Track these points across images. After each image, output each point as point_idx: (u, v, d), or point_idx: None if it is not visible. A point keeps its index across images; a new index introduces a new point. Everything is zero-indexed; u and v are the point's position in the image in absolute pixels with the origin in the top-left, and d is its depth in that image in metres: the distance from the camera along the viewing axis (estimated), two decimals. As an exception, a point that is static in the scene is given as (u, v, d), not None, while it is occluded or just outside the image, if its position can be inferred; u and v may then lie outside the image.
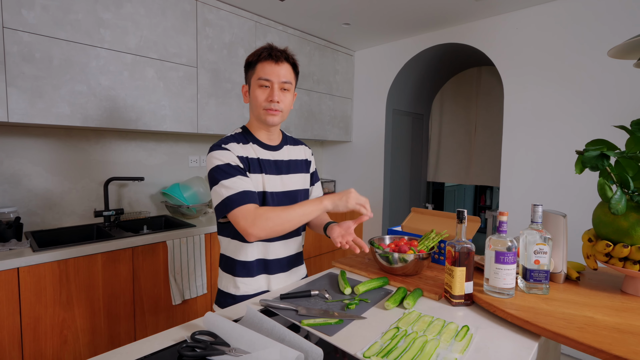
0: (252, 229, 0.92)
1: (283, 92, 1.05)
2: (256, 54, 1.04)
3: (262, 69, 1.02)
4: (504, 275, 0.96)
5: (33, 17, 1.51)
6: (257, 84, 1.03)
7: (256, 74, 1.03)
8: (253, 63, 1.04)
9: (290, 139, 1.21)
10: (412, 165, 3.44)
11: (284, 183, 1.11)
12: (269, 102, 1.02)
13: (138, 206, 2.23)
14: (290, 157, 1.16)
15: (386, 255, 1.17)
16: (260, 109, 1.04)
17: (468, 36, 2.46)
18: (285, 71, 1.04)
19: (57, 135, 1.89)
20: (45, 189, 1.88)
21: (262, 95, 1.03)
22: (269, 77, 1.01)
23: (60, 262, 1.50)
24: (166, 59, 1.92)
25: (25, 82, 1.50)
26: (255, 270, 1.10)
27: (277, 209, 0.95)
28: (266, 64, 1.02)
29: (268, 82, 1.02)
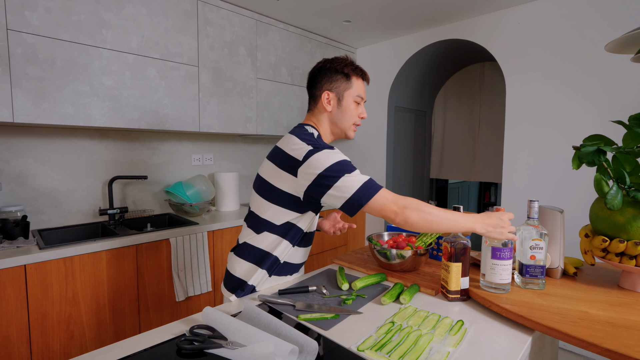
0: (407, 211, 0.87)
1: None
2: (350, 67, 1.06)
3: (359, 87, 1.08)
4: (500, 271, 0.96)
5: (36, 18, 1.53)
6: (353, 99, 1.07)
7: (354, 89, 1.07)
8: (349, 76, 1.07)
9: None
10: (415, 163, 3.43)
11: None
12: (360, 118, 1.10)
13: (142, 204, 2.26)
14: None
15: (384, 252, 1.18)
16: (351, 123, 1.09)
17: (470, 32, 2.45)
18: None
19: (61, 135, 1.92)
20: (51, 188, 1.91)
21: (356, 110, 1.08)
22: (364, 97, 1.10)
23: (66, 259, 1.53)
24: (168, 58, 1.95)
25: (29, 83, 1.53)
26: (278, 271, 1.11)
27: (435, 208, 0.91)
28: (361, 83, 1.09)
29: (362, 101, 1.09)
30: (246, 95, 2.35)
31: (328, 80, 1.06)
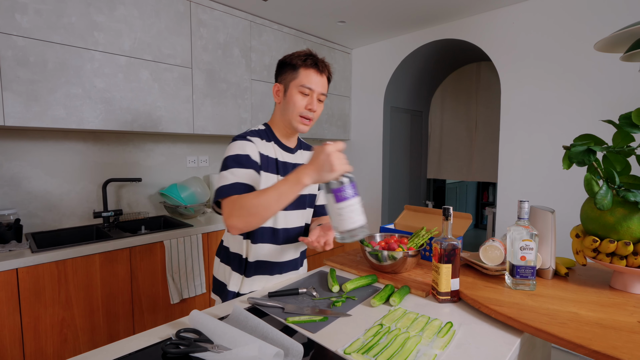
0: (230, 220, 0.88)
1: (318, 103, 1.06)
2: (300, 58, 1.03)
3: (307, 76, 1.02)
4: (349, 213, 0.81)
5: (27, 21, 1.53)
6: (297, 90, 1.03)
7: (299, 79, 1.03)
8: (296, 66, 1.03)
9: (303, 143, 1.23)
10: (412, 163, 3.43)
11: None
12: (307, 110, 1.04)
13: (137, 207, 2.25)
14: (303, 161, 1.17)
15: (375, 253, 1.17)
16: (296, 114, 1.04)
17: (465, 32, 2.45)
18: (325, 83, 1.07)
19: (55, 138, 1.92)
20: (45, 191, 1.91)
21: (301, 101, 1.03)
22: (312, 87, 1.02)
23: (58, 262, 1.53)
24: (161, 60, 1.94)
25: (20, 86, 1.53)
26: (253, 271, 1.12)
27: (251, 195, 0.87)
28: (311, 72, 1.02)
29: (310, 91, 1.03)
30: (240, 97, 2.34)
31: (279, 73, 1.09)
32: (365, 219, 0.85)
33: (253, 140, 1.04)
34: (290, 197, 0.85)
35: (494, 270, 1.09)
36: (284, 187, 0.85)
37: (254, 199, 0.86)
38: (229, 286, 1.12)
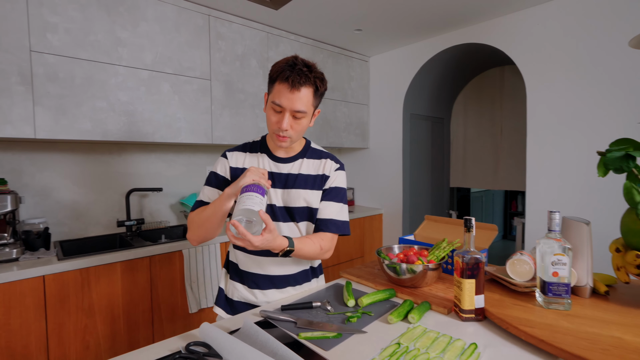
0: (188, 234, 1.05)
1: (295, 119, 0.98)
2: (277, 70, 0.95)
3: (279, 92, 0.95)
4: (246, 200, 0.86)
5: (57, 39, 1.61)
6: (270, 105, 0.98)
7: (272, 94, 0.97)
8: (272, 79, 0.98)
9: (313, 151, 1.13)
10: (434, 171, 3.33)
11: (284, 198, 1.08)
12: (278, 127, 0.98)
13: (159, 216, 2.30)
14: (301, 171, 1.08)
15: (393, 266, 1.12)
16: (271, 130, 1.01)
17: (486, 35, 2.37)
18: (302, 99, 0.95)
19: (82, 150, 2.00)
20: (73, 201, 1.98)
21: (273, 117, 0.98)
22: (281, 104, 0.95)
23: (82, 270, 1.57)
24: (181, 73, 1.99)
25: (50, 100, 1.60)
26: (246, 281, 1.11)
27: (199, 210, 1.03)
28: (284, 87, 0.94)
29: (280, 108, 0.96)
30: (258, 107, 2.36)
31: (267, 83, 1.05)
32: (258, 210, 0.85)
33: (229, 155, 1.09)
34: (221, 207, 0.96)
35: (523, 287, 1.02)
36: (217, 200, 0.97)
37: (199, 214, 1.01)
38: (220, 282, 1.19)
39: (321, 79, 0.99)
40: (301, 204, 1.08)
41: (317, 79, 0.97)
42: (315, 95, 0.99)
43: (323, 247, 1.06)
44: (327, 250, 1.09)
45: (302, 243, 1.01)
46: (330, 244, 1.09)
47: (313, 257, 1.06)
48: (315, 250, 1.04)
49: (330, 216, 1.09)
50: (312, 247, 1.03)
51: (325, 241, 1.07)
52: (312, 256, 1.05)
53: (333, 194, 1.10)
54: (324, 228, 1.08)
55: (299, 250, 0.99)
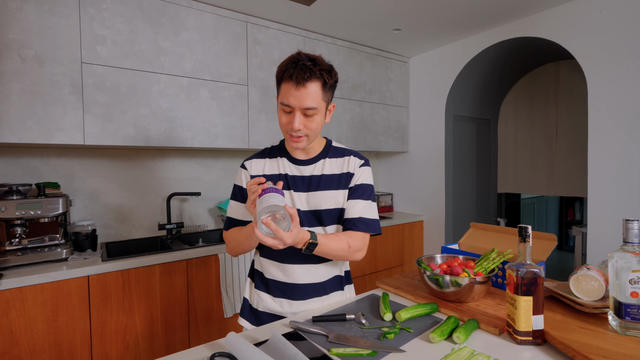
0: (226, 249, 1.08)
1: (307, 117, 0.93)
2: (282, 70, 0.92)
3: (285, 92, 0.91)
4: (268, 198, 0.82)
5: (105, 51, 1.70)
6: (280, 107, 0.95)
7: (280, 95, 0.94)
8: (279, 80, 0.94)
9: (335, 150, 1.08)
10: (480, 176, 3.11)
11: (309, 201, 1.03)
12: (290, 128, 0.94)
13: (197, 220, 2.35)
14: (325, 172, 1.04)
15: (435, 278, 1.02)
16: (284, 132, 0.98)
17: (539, 27, 2.17)
18: (310, 95, 0.90)
19: (127, 155, 2.10)
20: (118, 204, 2.08)
21: (284, 118, 0.95)
22: (290, 103, 0.91)
23: (123, 271, 1.62)
24: (219, 79, 2.03)
25: (98, 108, 1.69)
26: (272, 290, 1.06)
27: (235, 232, 1.04)
28: (288, 86, 0.90)
29: (289, 108, 0.92)
30: (294, 111, 2.35)
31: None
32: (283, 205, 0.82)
33: (247, 165, 1.07)
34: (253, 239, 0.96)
35: (591, 307, 0.87)
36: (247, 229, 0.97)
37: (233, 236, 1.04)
38: (244, 292, 1.16)
39: (328, 71, 0.93)
40: (329, 206, 1.03)
41: (323, 71, 0.91)
42: (324, 89, 0.93)
43: (352, 245, 0.98)
44: (357, 249, 1.00)
45: (327, 238, 0.95)
46: (361, 243, 1.01)
47: (341, 256, 0.98)
48: (343, 248, 0.96)
49: (358, 214, 1.02)
50: (338, 244, 0.96)
51: (355, 239, 0.99)
52: (339, 254, 0.97)
53: (360, 192, 1.04)
54: (353, 227, 1.01)
55: (323, 245, 0.93)
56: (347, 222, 1.03)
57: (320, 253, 0.95)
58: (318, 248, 0.92)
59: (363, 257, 1.58)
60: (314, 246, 0.91)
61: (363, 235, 1.02)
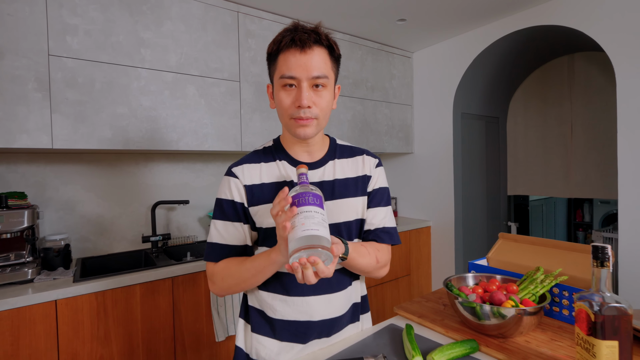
0: (212, 288, 0.83)
1: (316, 91, 0.75)
2: (277, 41, 0.75)
3: (286, 61, 0.74)
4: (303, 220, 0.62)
5: (77, 42, 1.50)
6: (280, 84, 0.76)
7: (278, 69, 0.76)
8: (274, 55, 0.77)
9: (342, 149, 0.90)
10: (489, 178, 2.93)
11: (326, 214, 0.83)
12: (296, 108, 0.74)
13: (186, 230, 2.14)
14: (337, 176, 0.85)
15: (471, 306, 0.82)
16: (287, 117, 0.77)
17: (559, 14, 1.99)
18: (318, 60, 0.74)
19: (107, 160, 1.89)
20: (97, 215, 1.87)
21: (287, 98, 0.75)
22: (294, 74, 0.73)
23: (97, 294, 1.41)
24: (207, 74, 1.83)
25: (68, 107, 1.48)
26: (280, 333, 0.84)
27: (233, 265, 0.80)
28: (289, 54, 0.73)
29: (294, 81, 0.74)
30: (292, 110, 2.15)
31: (268, 71, 0.83)
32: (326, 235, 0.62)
33: (237, 172, 0.83)
34: (267, 272, 0.75)
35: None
36: (259, 261, 0.75)
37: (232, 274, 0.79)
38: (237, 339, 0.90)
39: (333, 41, 0.78)
40: (348, 217, 0.84)
41: (327, 37, 0.77)
42: (331, 57, 0.78)
43: (380, 260, 0.83)
44: (384, 264, 0.85)
45: (356, 251, 0.77)
46: (387, 257, 0.87)
47: (366, 272, 0.82)
48: (371, 263, 0.81)
49: (381, 224, 0.87)
50: (367, 258, 0.80)
51: (382, 253, 0.85)
52: (366, 269, 0.81)
53: (379, 197, 0.88)
54: (376, 239, 0.86)
55: (352, 260, 0.76)
56: (368, 233, 0.87)
57: (346, 266, 0.79)
58: (346, 262, 0.77)
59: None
60: (342, 260, 0.75)
61: (388, 248, 0.87)
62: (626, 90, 1.76)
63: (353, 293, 0.88)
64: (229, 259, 0.82)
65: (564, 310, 0.89)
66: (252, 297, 0.88)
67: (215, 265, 0.83)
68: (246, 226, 0.84)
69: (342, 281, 0.84)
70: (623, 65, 1.76)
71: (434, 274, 2.78)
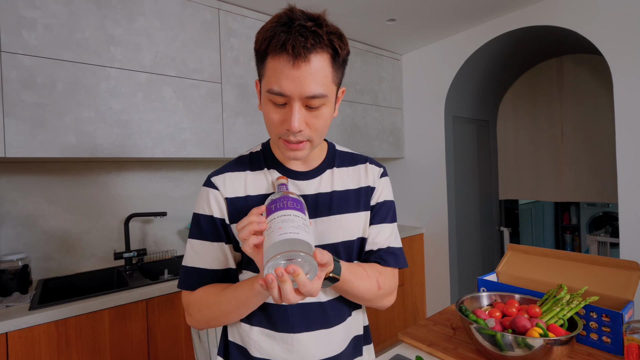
0: (189, 320, 0.72)
1: (311, 112, 0.61)
2: (266, 37, 0.58)
3: (274, 72, 0.58)
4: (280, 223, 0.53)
5: (35, 38, 1.33)
6: (266, 97, 0.61)
7: (266, 78, 0.60)
8: (262, 54, 0.61)
9: (342, 156, 0.78)
10: (481, 182, 2.87)
11: (319, 231, 0.69)
12: (285, 130, 0.61)
13: (164, 244, 1.97)
14: (336, 187, 0.72)
15: (490, 334, 0.71)
16: (275, 136, 0.64)
17: (552, 15, 1.95)
18: (315, 76, 0.58)
19: (75, 170, 1.71)
20: (63, 230, 1.68)
21: (275, 115, 0.61)
22: (284, 91, 0.58)
23: (58, 322, 1.23)
24: (186, 75, 1.69)
25: (24, 111, 1.31)
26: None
27: (211, 294, 0.67)
28: (279, 63, 0.57)
29: (284, 99, 0.59)
30: (278, 114, 2.02)
31: (256, 64, 0.66)
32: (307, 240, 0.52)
33: (217, 182, 0.70)
34: (252, 303, 0.63)
35: None
36: (241, 290, 0.63)
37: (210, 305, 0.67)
38: None
39: (339, 36, 0.61)
40: (347, 236, 0.71)
41: (332, 35, 0.59)
42: (334, 63, 0.61)
43: (382, 285, 0.70)
44: (389, 292, 0.72)
45: (352, 272, 0.64)
46: (393, 283, 0.73)
47: (366, 299, 0.69)
48: (371, 288, 0.68)
49: (386, 243, 0.74)
50: (367, 281, 0.67)
51: (386, 277, 0.71)
52: (366, 295, 0.68)
53: (384, 212, 0.76)
54: (380, 261, 0.73)
55: (347, 283, 0.63)
56: (370, 254, 0.74)
57: (342, 291, 0.66)
58: (339, 284, 0.63)
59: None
60: (333, 282, 0.61)
61: (394, 272, 0.74)
62: (623, 91, 1.72)
63: (354, 325, 0.75)
64: (208, 286, 0.70)
65: (591, 334, 0.79)
66: (233, 331, 0.75)
67: (191, 294, 0.70)
68: (228, 246, 0.71)
69: (341, 312, 0.72)
70: (620, 64, 1.72)
71: (427, 283, 2.68)
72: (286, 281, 0.49)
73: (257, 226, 0.53)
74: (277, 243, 0.49)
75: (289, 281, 0.49)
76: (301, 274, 0.49)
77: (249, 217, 0.55)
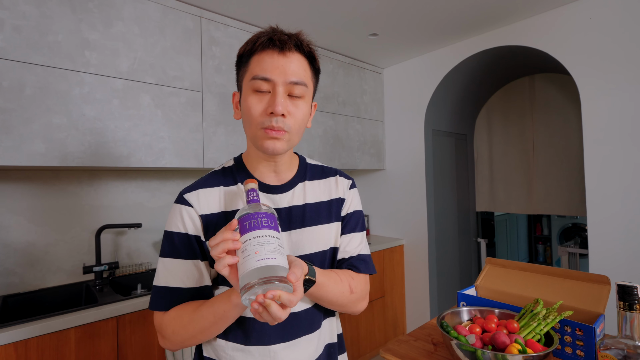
0: (162, 342, 0.68)
1: (292, 100, 0.65)
2: (251, 41, 0.66)
3: (259, 62, 0.64)
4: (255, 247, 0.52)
5: (2, 39, 1.27)
6: (250, 87, 0.65)
7: (250, 71, 0.65)
8: (246, 56, 0.67)
9: (313, 169, 0.80)
10: (459, 194, 2.94)
11: (292, 243, 0.70)
12: (268, 115, 0.63)
13: (138, 257, 1.89)
14: (308, 200, 0.74)
15: (470, 350, 0.71)
16: (256, 127, 0.65)
17: (527, 36, 2.04)
18: (298, 66, 0.65)
19: (42, 178, 1.62)
20: (27, 243, 1.58)
21: (257, 104, 0.64)
22: (269, 76, 0.63)
23: (18, 344, 1.15)
24: (165, 83, 1.65)
25: (-12, 116, 1.24)
26: None
27: (186, 313, 0.65)
28: (265, 54, 0.64)
29: (268, 84, 0.63)
30: (259, 124, 2.00)
31: (236, 76, 0.72)
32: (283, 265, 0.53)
33: (190, 198, 0.69)
34: (229, 317, 0.62)
35: None
36: (218, 305, 0.62)
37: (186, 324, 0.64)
38: None
39: (313, 50, 0.70)
40: (320, 247, 0.73)
41: (309, 44, 0.69)
42: (311, 67, 0.69)
43: (354, 289, 0.72)
44: (361, 297, 0.74)
45: (326, 275, 0.67)
46: (364, 288, 0.75)
47: (339, 304, 0.71)
48: (344, 293, 0.71)
49: (356, 252, 0.77)
50: (339, 286, 0.69)
51: (358, 282, 0.74)
52: (340, 300, 0.70)
53: (354, 222, 0.79)
54: (352, 268, 0.75)
55: (321, 286, 0.65)
56: (341, 262, 0.76)
57: (314, 297, 0.66)
58: (314, 289, 0.64)
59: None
60: (310, 285, 0.62)
61: (365, 277, 0.77)
62: (590, 109, 1.81)
63: (327, 332, 0.75)
64: (181, 305, 0.67)
65: (566, 347, 0.80)
66: (207, 347, 0.73)
67: (164, 315, 0.67)
68: (203, 263, 0.69)
69: (313, 319, 0.72)
70: (587, 85, 1.82)
71: (407, 294, 2.69)
72: (270, 305, 0.50)
73: (232, 244, 0.53)
74: (255, 270, 0.50)
75: (273, 304, 0.50)
76: (282, 294, 0.51)
77: (223, 234, 0.54)
